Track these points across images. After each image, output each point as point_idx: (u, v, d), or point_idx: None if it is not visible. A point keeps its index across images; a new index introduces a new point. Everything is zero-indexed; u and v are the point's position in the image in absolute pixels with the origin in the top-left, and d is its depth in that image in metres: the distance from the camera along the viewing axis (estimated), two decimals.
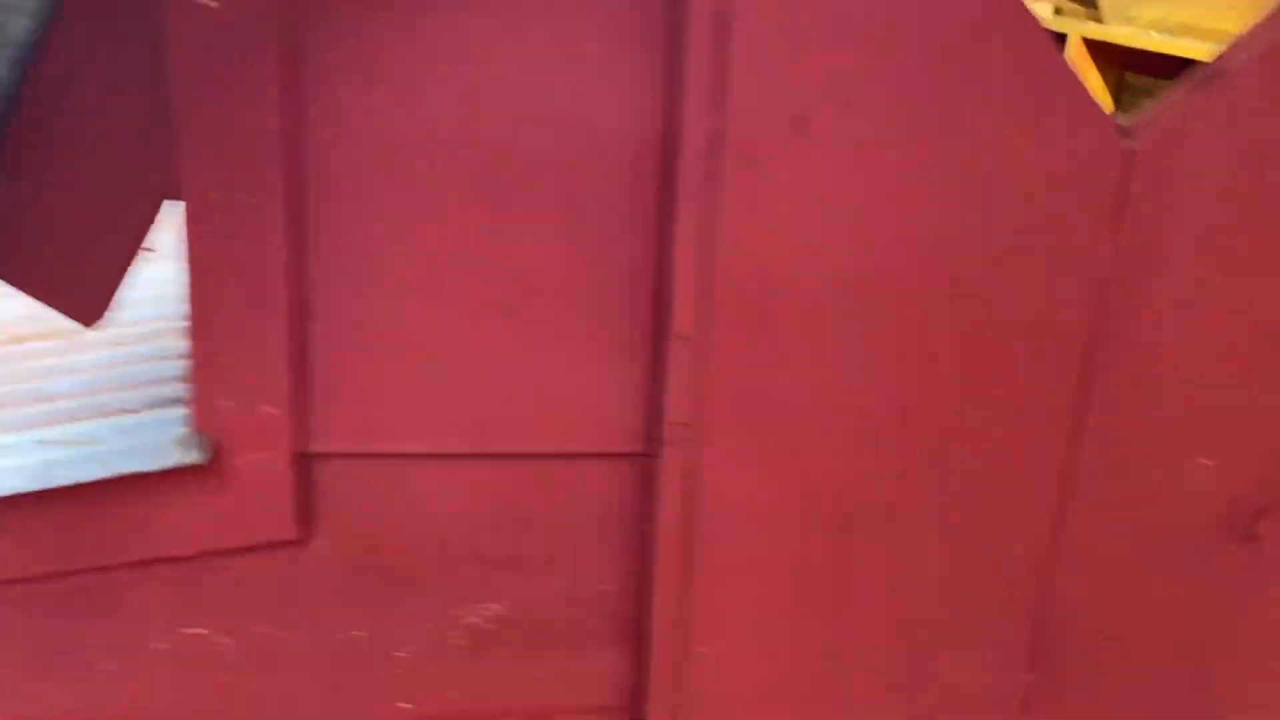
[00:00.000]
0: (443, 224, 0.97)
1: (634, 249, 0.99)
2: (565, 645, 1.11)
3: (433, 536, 1.06)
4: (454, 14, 0.91)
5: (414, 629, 1.09)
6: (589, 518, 1.07)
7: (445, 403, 1.02)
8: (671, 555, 1.03)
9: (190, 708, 1.10)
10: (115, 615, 1.07)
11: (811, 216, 0.95)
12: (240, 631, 1.08)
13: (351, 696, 1.11)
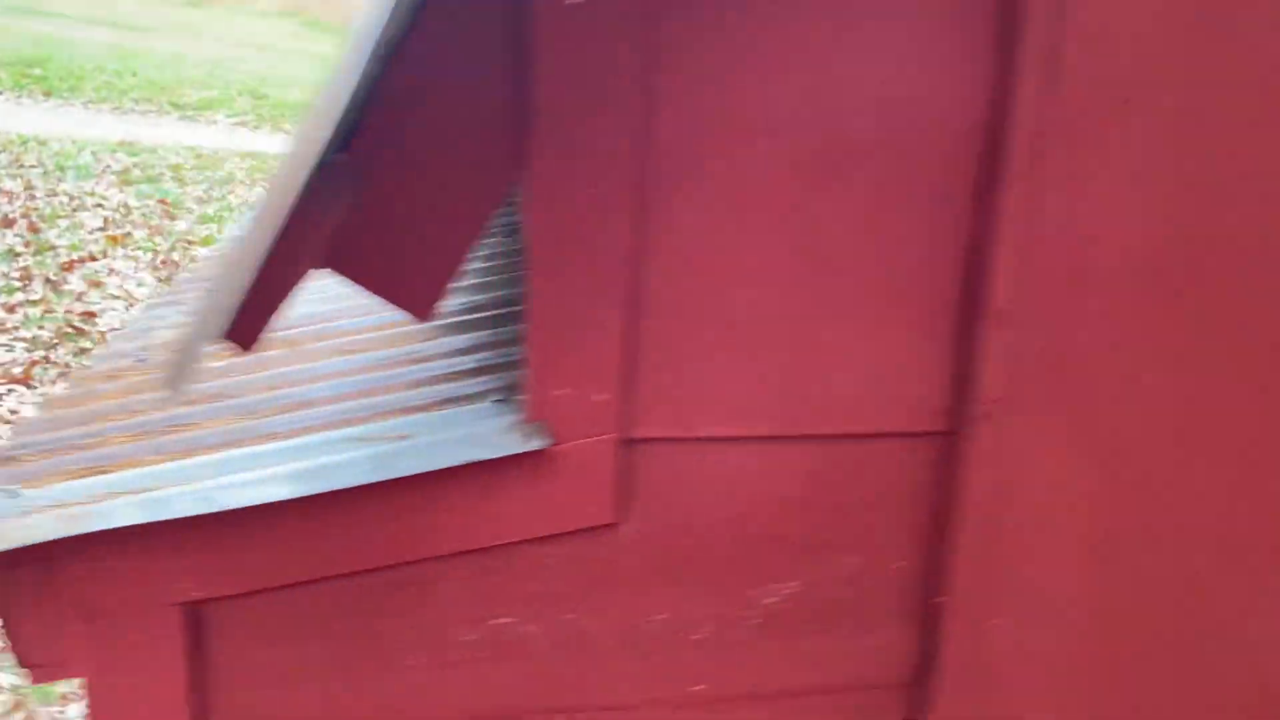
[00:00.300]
0: (768, 212, 0.99)
1: (945, 229, 1.02)
2: (854, 622, 1.14)
3: (737, 518, 1.08)
4: (799, 6, 0.94)
5: (712, 611, 1.11)
6: (884, 496, 1.10)
7: (758, 386, 1.04)
8: (975, 528, 1.06)
9: (493, 697, 1.11)
10: (424, 607, 1.08)
11: (1130, 196, 0.99)
12: (546, 619, 1.09)
13: (647, 681, 1.13)
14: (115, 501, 1.00)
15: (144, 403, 1.28)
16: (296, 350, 1.38)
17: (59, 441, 1.21)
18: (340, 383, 1.23)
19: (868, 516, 1.10)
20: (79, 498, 1.05)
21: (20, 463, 1.18)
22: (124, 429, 1.21)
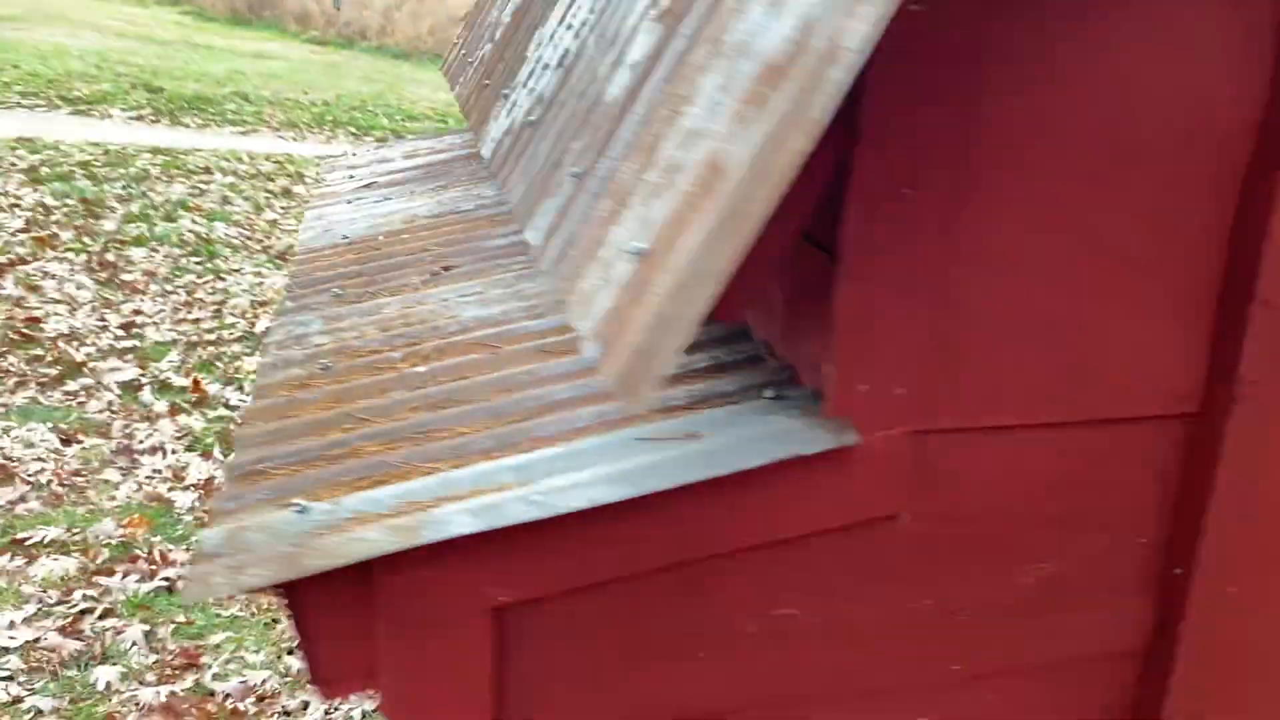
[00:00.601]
0: (1058, 210, 1.05)
1: (1213, 222, 1.09)
2: (1098, 595, 1.21)
3: (1005, 503, 1.14)
4: (1108, 11, 1.00)
5: (975, 593, 1.17)
6: (1134, 476, 1.17)
7: (1037, 376, 1.10)
8: (1225, 503, 1.14)
9: (769, 686, 1.15)
10: (712, 601, 1.11)
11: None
12: (822, 608, 1.13)
13: (909, 664, 1.18)
14: (444, 510, 1.00)
15: (372, 410, 1.27)
16: (503, 353, 1.38)
17: (301, 454, 1.19)
18: (581, 384, 1.24)
19: (1119, 496, 1.17)
20: (382, 509, 1.05)
21: (268, 476, 1.16)
22: (370, 437, 1.20)
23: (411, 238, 2.02)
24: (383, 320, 1.59)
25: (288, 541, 0.99)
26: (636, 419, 1.13)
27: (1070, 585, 1.20)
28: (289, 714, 2.66)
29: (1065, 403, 1.11)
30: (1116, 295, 1.09)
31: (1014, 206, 1.03)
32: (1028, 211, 1.03)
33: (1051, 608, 1.20)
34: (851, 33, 0.71)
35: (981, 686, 1.21)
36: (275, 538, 1.02)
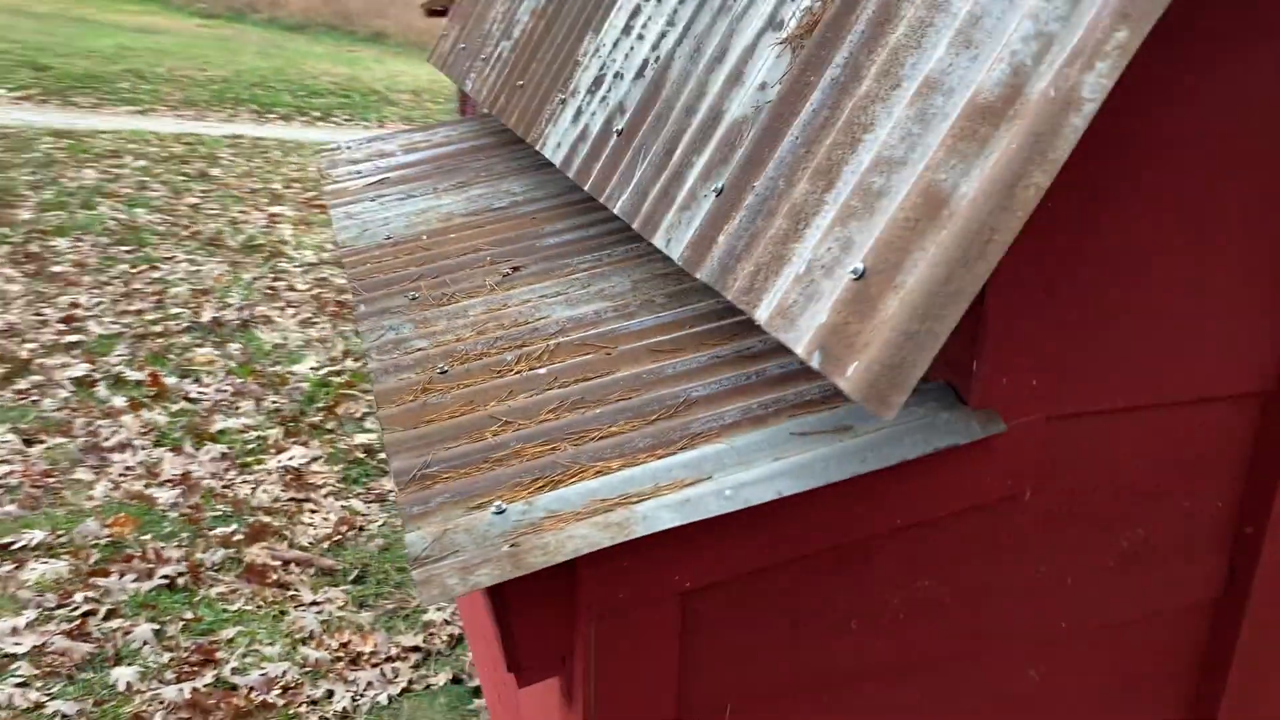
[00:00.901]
0: (1172, 214, 1.18)
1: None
2: (1180, 555, 1.36)
3: (1109, 477, 1.28)
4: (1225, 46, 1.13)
5: (1081, 558, 1.31)
6: (1218, 448, 1.32)
7: (1144, 363, 1.24)
8: None
9: (912, 652, 1.27)
10: (864, 578, 1.23)
11: None
12: (955, 579, 1.26)
13: (1024, 624, 1.32)
14: (646, 506, 1.09)
15: (513, 412, 1.35)
16: (616, 354, 1.46)
17: (464, 458, 1.27)
18: (711, 383, 1.34)
19: (1204, 466, 1.32)
20: (574, 507, 1.13)
21: (440, 480, 1.24)
22: (527, 439, 1.28)
23: (458, 237, 2.08)
24: (475, 323, 1.66)
25: (504, 541, 1.07)
26: (782, 414, 1.23)
27: (1158, 546, 1.35)
28: (315, 703, 2.71)
29: (1165, 386, 1.25)
30: (1211, 289, 1.24)
31: (1133, 213, 1.16)
32: (1144, 217, 1.16)
33: (1142, 568, 1.35)
34: (1091, 86, 0.82)
35: (1082, 640, 1.36)
36: (483, 539, 1.10)
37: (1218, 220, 1.20)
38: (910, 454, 1.14)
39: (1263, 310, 1.27)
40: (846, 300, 0.95)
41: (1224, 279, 1.24)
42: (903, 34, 1.06)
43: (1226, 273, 1.23)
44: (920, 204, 0.93)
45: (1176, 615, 1.40)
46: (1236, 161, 1.18)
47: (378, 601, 3.19)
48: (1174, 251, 1.20)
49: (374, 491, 3.86)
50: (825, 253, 1.01)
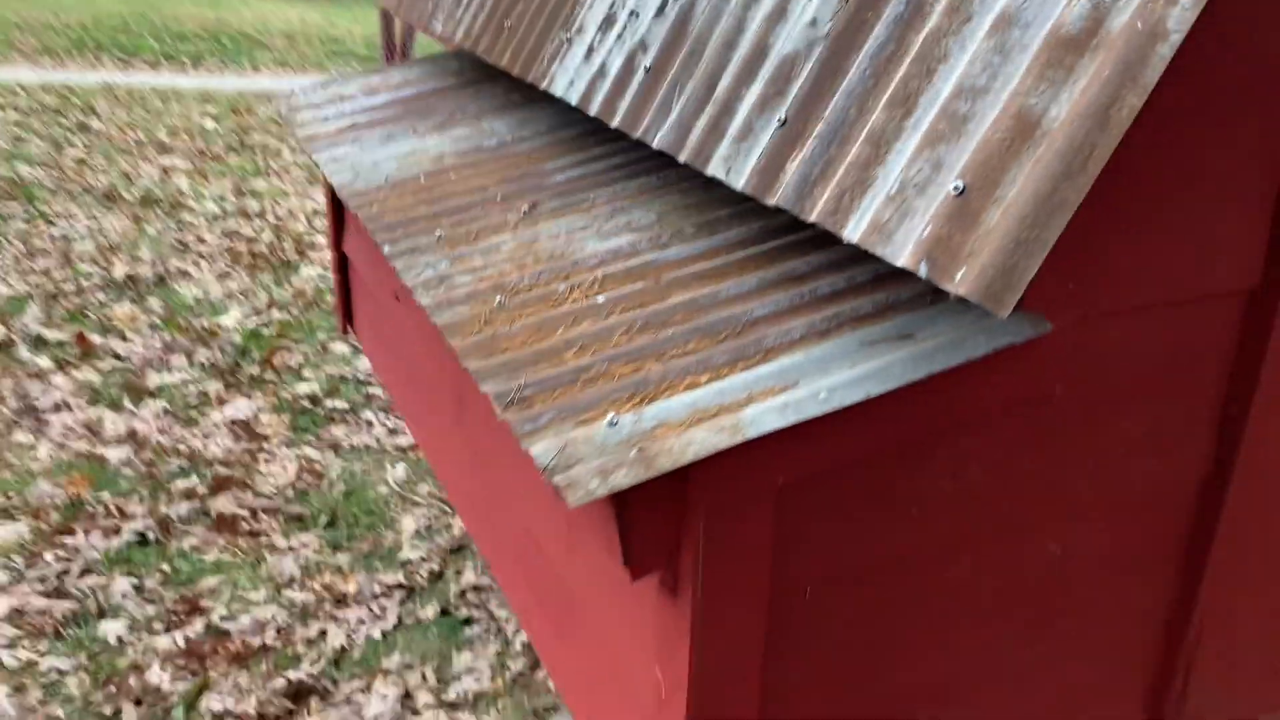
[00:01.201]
0: (1180, 145, 1.34)
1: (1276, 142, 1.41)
2: (1173, 441, 1.55)
3: (1123, 372, 1.45)
4: None
5: (1097, 447, 1.48)
6: (1211, 341, 1.50)
7: (1156, 265, 1.40)
8: (1277, 355, 1.49)
9: (961, 534, 1.43)
10: (920, 470, 1.37)
11: None
12: (999, 468, 1.42)
13: (1050, 506, 1.49)
14: (752, 411, 1.21)
15: (587, 337, 1.44)
16: (663, 281, 1.56)
17: (555, 381, 1.36)
18: (769, 302, 1.45)
19: (1199, 358, 1.50)
20: (679, 417, 1.24)
21: (540, 402, 1.33)
22: (611, 360, 1.38)
23: (459, 178, 2.13)
24: (512, 257, 1.73)
25: (629, 448, 1.18)
26: (843, 327, 1.36)
27: (1164, 432, 1.53)
28: (311, 643, 2.77)
29: (1173, 285, 1.42)
30: (1211, 196, 1.40)
31: (1146, 142, 1.31)
32: (1158, 144, 1.32)
33: (1146, 453, 1.53)
34: (1175, 19, 0.95)
35: (1095, 519, 1.53)
36: (605, 448, 1.20)
37: (1216, 151, 1.36)
38: (974, 354, 1.27)
39: (1250, 215, 1.44)
40: (947, 215, 1.08)
41: (1222, 191, 1.40)
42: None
43: (1224, 186, 1.40)
44: (1013, 126, 1.05)
45: (1171, 496, 1.58)
46: (1240, 101, 1.34)
47: (351, 544, 3.24)
48: (1180, 171, 1.35)
49: (325, 440, 3.88)
50: (916, 173, 1.13)
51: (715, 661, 1.32)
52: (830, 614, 1.39)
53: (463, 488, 2.27)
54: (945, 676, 1.52)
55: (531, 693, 2.65)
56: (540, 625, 1.90)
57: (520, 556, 1.95)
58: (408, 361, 2.57)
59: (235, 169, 7.57)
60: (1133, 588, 1.63)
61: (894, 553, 1.39)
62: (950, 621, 1.48)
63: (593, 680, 1.69)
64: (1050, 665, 1.61)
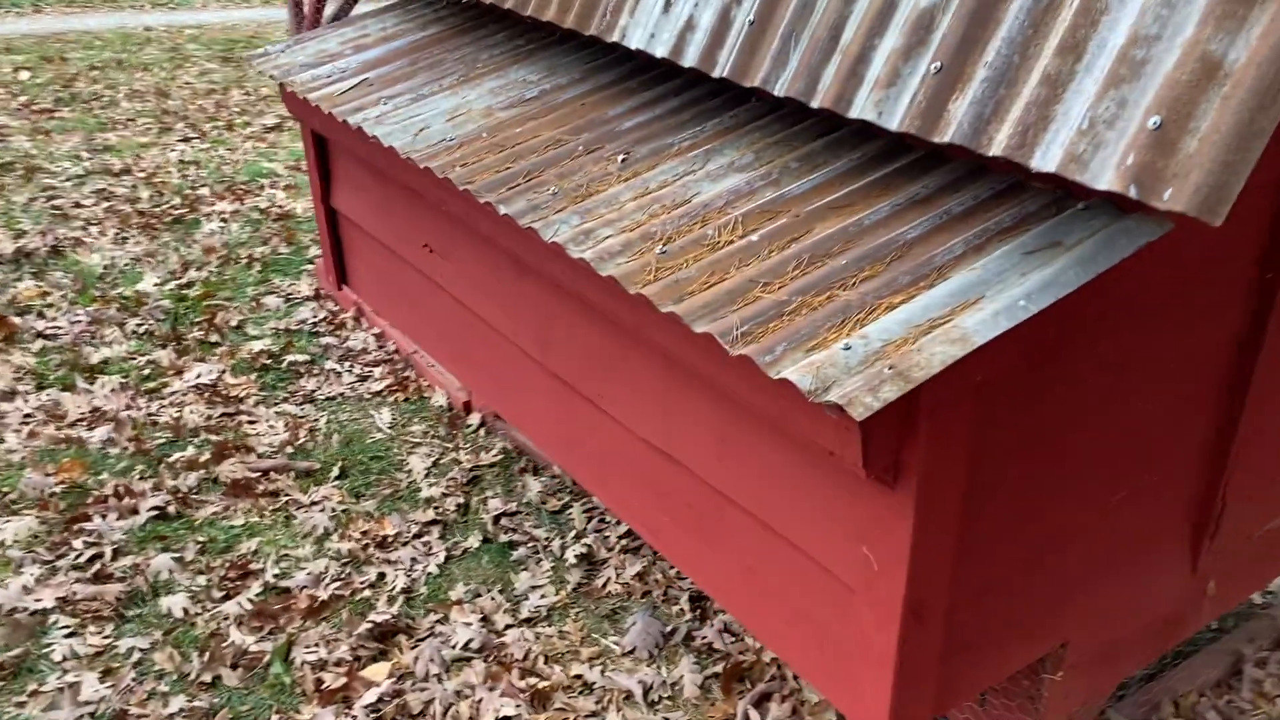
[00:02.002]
0: None
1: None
2: (1224, 303, 1.86)
3: (1199, 252, 1.74)
4: None
5: (1177, 314, 1.78)
6: (1250, 218, 1.81)
7: None
8: None
9: (1094, 406, 1.71)
10: (1071, 354, 1.64)
11: None
12: (1125, 348, 1.70)
13: (1149, 368, 1.78)
14: (970, 320, 1.43)
15: (764, 273, 1.63)
16: (802, 215, 1.76)
17: (763, 315, 1.55)
18: (913, 225, 1.67)
19: (1242, 231, 1.81)
20: (895, 336, 1.45)
21: (759, 336, 1.52)
22: (801, 291, 1.57)
23: (523, 132, 2.24)
24: (640, 207, 1.88)
25: (879, 365, 1.39)
26: (993, 241, 1.59)
27: (1217, 300, 1.84)
28: (374, 586, 2.89)
29: None
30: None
31: None
32: None
33: (1208, 318, 1.84)
34: None
35: (1173, 374, 1.84)
36: (851, 368, 1.41)
37: None
38: (1125, 253, 1.53)
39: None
40: (1147, 145, 1.32)
41: None
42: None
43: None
44: (1198, 69, 1.29)
45: (1219, 353, 1.91)
46: None
47: (370, 490, 3.34)
48: None
49: (299, 395, 3.91)
50: (1104, 110, 1.36)
51: (927, 536, 1.56)
52: (1002, 484, 1.65)
53: (546, 418, 2.43)
54: (1075, 520, 1.82)
55: (595, 598, 2.87)
56: (675, 535, 2.11)
57: (643, 476, 2.14)
58: (448, 309, 2.67)
59: (76, 124, 7.16)
60: (1189, 427, 1.96)
61: (1048, 424, 1.66)
62: (1083, 476, 1.78)
63: (751, 574, 1.92)
64: (1132, 504, 1.94)
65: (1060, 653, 1.98)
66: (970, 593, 1.71)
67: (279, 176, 6.30)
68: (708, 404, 1.89)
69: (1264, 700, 2.57)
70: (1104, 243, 1.54)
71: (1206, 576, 2.19)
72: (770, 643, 1.95)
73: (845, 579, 1.70)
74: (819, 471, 1.68)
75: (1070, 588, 1.90)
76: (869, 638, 1.68)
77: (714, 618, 2.78)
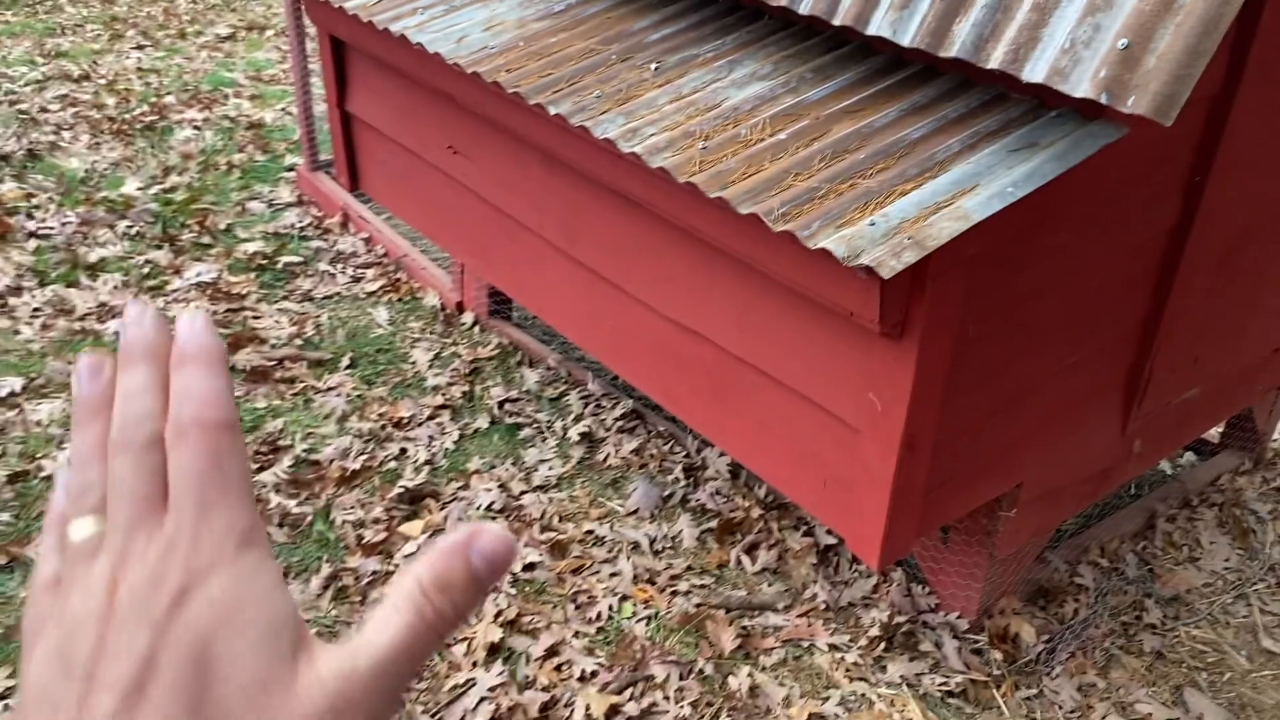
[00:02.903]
0: None
1: None
2: (1163, 198, 2.25)
3: (1144, 159, 2.11)
4: None
5: (1125, 198, 2.16)
6: (1184, 130, 2.19)
7: None
8: (1230, 143, 2.20)
9: (1054, 281, 2.08)
10: (1041, 234, 2.00)
11: None
12: (1081, 228, 2.07)
13: (1106, 252, 2.16)
14: (969, 202, 1.78)
15: (796, 164, 1.95)
16: (822, 117, 2.08)
17: (795, 200, 1.87)
18: (917, 128, 2.01)
19: (1176, 139, 2.19)
20: (911, 215, 1.80)
21: (796, 216, 1.85)
22: (830, 180, 1.90)
23: (558, 42, 2.51)
24: (679, 108, 2.19)
25: (900, 236, 1.73)
26: (982, 141, 1.94)
27: (1154, 197, 2.22)
28: (398, 459, 3.20)
29: None
30: None
31: None
32: None
33: (1145, 209, 2.22)
34: None
35: (1117, 256, 2.22)
36: (877, 239, 1.74)
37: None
38: (1090, 152, 1.89)
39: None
40: (1116, 62, 1.66)
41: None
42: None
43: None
44: (1156, 2, 1.64)
45: (1154, 240, 2.30)
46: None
47: (379, 378, 3.62)
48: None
49: (297, 293, 4.14)
50: (1082, 33, 1.70)
51: (923, 382, 1.92)
52: (980, 341, 2.02)
53: (568, 303, 2.73)
54: (1034, 377, 2.20)
55: (598, 470, 3.21)
56: (693, 401, 2.45)
57: (665, 350, 2.47)
58: (471, 208, 2.93)
59: (23, 28, 7.12)
60: (1128, 305, 2.35)
61: (1018, 295, 2.03)
62: (1043, 340, 2.15)
63: (764, 427, 2.27)
64: (1080, 368, 2.33)
65: (1015, 492, 2.38)
66: (951, 433, 2.08)
67: (242, 86, 6.39)
68: (733, 280, 2.21)
69: (1172, 548, 3.03)
70: (1073, 144, 1.89)
71: (1134, 437, 2.62)
72: (781, 484, 2.31)
73: (852, 423, 2.06)
74: (834, 332, 2.03)
75: (1027, 435, 2.29)
76: (871, 469, 2.04)
77: (705, 484, 3.14)
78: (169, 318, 0.44)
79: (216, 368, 0.41)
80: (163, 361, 0.42)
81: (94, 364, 0.43)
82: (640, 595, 2.70)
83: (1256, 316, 2.70)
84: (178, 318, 0.43)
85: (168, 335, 0.43)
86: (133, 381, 0.41)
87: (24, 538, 2.77)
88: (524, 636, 2.55)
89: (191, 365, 0.41)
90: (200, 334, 0.42)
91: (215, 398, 0.41)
